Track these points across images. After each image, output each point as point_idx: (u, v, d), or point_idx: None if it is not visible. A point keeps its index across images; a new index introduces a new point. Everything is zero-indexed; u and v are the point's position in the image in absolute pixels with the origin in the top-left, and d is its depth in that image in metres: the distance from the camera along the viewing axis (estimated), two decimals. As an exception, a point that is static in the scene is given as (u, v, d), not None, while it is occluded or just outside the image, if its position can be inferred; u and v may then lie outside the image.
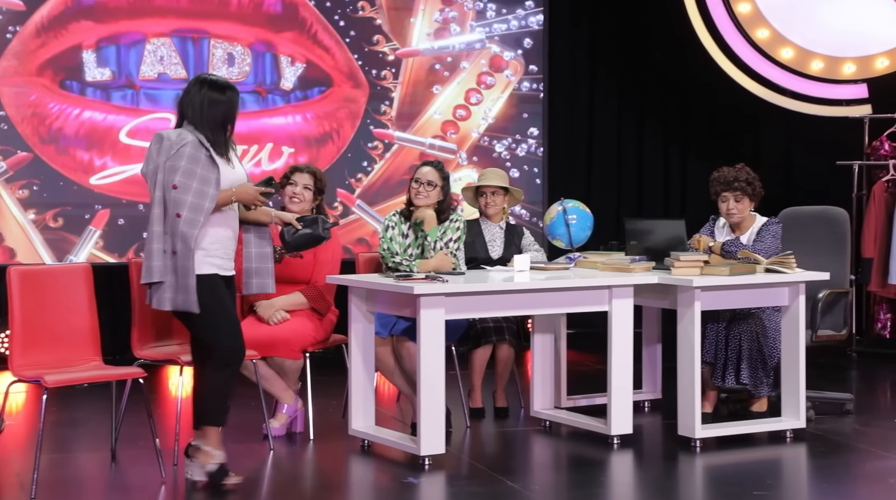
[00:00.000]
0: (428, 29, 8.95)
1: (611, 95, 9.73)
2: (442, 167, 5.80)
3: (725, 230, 6.16)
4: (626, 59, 9.66)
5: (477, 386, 6.22)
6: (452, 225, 5.77)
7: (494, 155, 9.14)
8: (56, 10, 8.08)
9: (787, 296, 5.64)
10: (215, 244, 4.67)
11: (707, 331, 5.97)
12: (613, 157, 9.86)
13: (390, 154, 8.88)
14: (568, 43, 9.54)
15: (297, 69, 8.61)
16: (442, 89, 9.00)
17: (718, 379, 5.93)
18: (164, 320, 5.31)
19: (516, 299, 5.21)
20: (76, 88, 8.14)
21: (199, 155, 4.60)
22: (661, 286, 5.47)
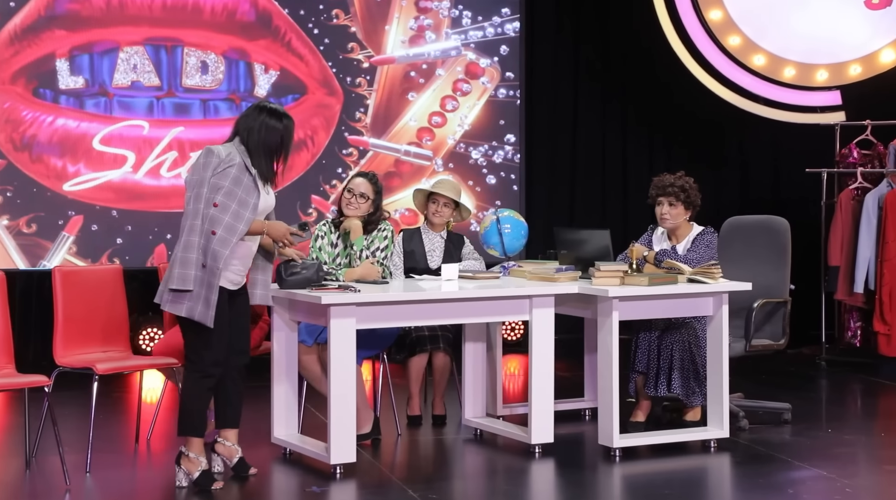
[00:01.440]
0: (403, 36, 9.01)
1: (594, 101, 9.73)
2: (376, 180, 5.86)
3: (663, 239, 6.16)
4: (608, 65, 9.66)
5: (415, 394, 6.26)
6: (380, 234, 5.82)
7: (471, 162, 9.18)
8: (29, 19, 8.23)
9: (712, 306, 5.63)
10: (234, 261, 4.85)
11: (640, 340, 5.99)
12: (598, 162, 9.86)
13: (365, 161, 8.95)
14: (546, 49, 9.56)
15: (270, 77, 8.71)
16: (417, 96, 9.05)
17: (651, 388, 5.95)
18: (89, 327, 5.41)
19: (431, 309, 5.26)
20: (49, 96, 8.29)
21: (242, 177, 4.78)
22: (582, 296, 5.49)
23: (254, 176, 4.85)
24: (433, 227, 6.31)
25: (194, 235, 4.72)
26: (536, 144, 9.57)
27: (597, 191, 9.86)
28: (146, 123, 8.46)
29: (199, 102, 8.57)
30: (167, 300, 4.76)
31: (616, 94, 9.68)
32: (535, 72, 9.54)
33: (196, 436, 4.88)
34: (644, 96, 9.67)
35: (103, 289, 5.47)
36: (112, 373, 5.18)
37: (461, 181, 9.12)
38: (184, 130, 8.52)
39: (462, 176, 9.14)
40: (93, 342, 5.43)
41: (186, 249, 4.72)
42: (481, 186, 9.20)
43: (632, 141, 9.80)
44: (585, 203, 9.74)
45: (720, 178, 9.83)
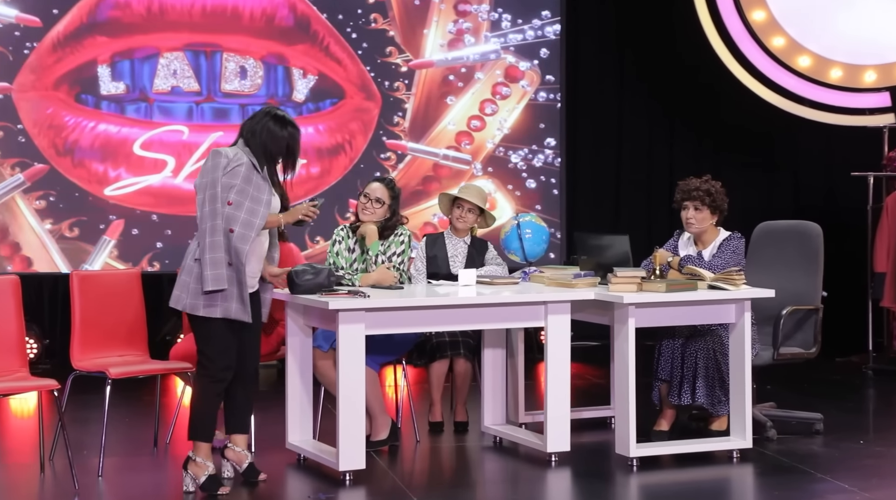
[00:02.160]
0: (441, 40, 8.98)
1: (639, 105, 9.60)
2: (393, 185, 5.83)
3: (689, 244, 6.05)
4: (653, 67, 9.52)
5: (436, 400, 6.22)
6: (397, 239, 5.79)
7: (510, 165, 9.12)
8: (72, 26, 8.34)
9: (734, 313, 5.51)
10: (252, 259, 4.88)
11: (663, 347, 5.89)
12: (643, 166, 9.73)
13: (403, 165, 8.93)
14: (590, 52, 9.45)
15: (309, 81, 8.73)
16: (456, 100, 9.01)
17: (675, 397, 5.84)
18: (107, 331, 5.45)
19: (442, 315, 5.20)
20: (91, 102, 8.39)
21: (251, 175, 4.84)
22: (601, 302, 5.40)
23: (263, 174, 4.88)
24: (457, 232, 6.26)
25: (218, 235, 4.76)
26: (580, 147, 9.47)
27: (642, 196, 9.73)
28: (186, 128, 8.52)
29: (238, 107, 8.62)
30: (201, 305, 4.77)
31: (662, 96, 9.55)
32: (579, 75, 9.45)
33: (204, 441, 4.89)
34: (690, 98, 9.53)
35: (121, 293, 5.52)
36: (125, 377, 5.19)
37: (500, 185, 9.07)
38: (223, 135, 8.57)
39: (501, 180, 9.08)
40: (110, 346, 5.46)
41: (213, 249, 4.75)
42: (521, 190, 9.13)
43: (679, 144, 9.66)
44: (630, 208, 9.61)
45: (770, 181, 9.66)
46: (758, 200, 9.60)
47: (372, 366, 5.59)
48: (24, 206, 8.29)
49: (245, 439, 5.10)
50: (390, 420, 5.72)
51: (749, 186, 9.64)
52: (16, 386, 4.86)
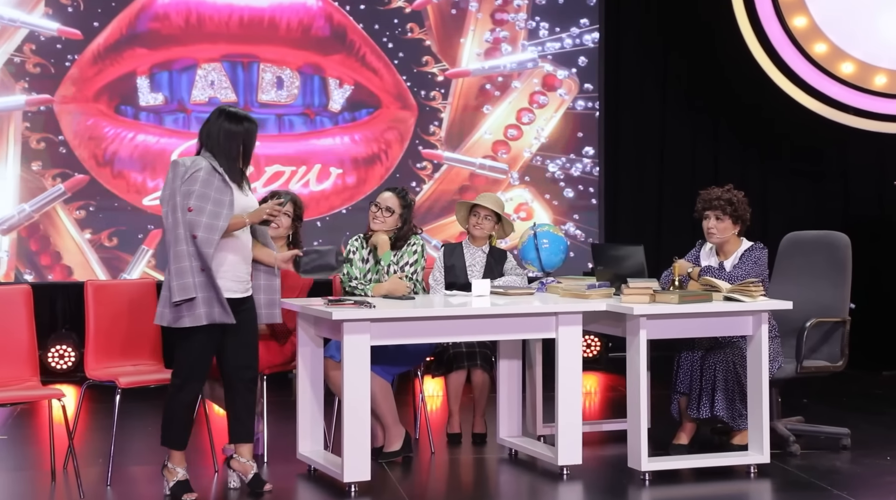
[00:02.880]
0: (478, 49, 8.95)
1: (682, 113, 9.47)
2: (405, 195, 5.82)
3: (711, 255, 5.96)
4: (695, 75, 9.40)
5: (454, 412, 6.18)
6: (410, 249, 5.77)
7: (547, 174, 9.06)
8: (112, 38, 8.45)
9: (751, 325, 5.41)
10: (223, 266, 4.87)
11: (682, 360, 5.81)
12: (687, 176, 9.59)
13: (439, 174, 8.92)
14: (630, 60, 9.36)
15: (345, 91, 8.75)
16: (492, 109, 8.98)
17: (693, 410, 5.75)
18: (121, 340, 5.49)
19: (449, 326, 5.17)
20: (130, 113, 8.49)
21: (212, 179, 4.82)
22: (615, 314, 5.33)
23: (223, 176, 4.85)
24: (475, 241, 6.23)
25: (181, 245, 4.75)
26: (622, 156, 9.38)
27: (686, 206, 9.56)
28: (222, 139, 8.56)
29: (275, 117, 8.67)
30: (176, 317, 4.77)
31: (705, 104, 9.42)
32: (620, 83, 9.35)
33: (173, 448, 4.91)
34: (734, 106, 9.39)
35: (136, 303, 5.56)
36: (135, 386, 5.22)
37: (538, 195, 9.02)
38: (259, 145, 8.54)
39: (538, 189, 9.03)
40: (124, 356, 5.49)
41: (178, 259, 4.75)
42: (558, 199, 9.07)
43: (724, 152, 9.52)
44: (672, 218, 9.46)
45: (819, 190, 9.48)
46: (805, 209, 9.44)
47: (385, 376, 5.58)
48: (65, 216, 8.41)
49: (249, 448, 5.08)
50: (404, 431, 5.69)
51: (797, 196, 9.48)
52: (21, 395, 4.91)
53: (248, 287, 5.02)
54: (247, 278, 5.00)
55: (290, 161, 8.66)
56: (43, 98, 8.38)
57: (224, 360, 4.99)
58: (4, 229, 8.34)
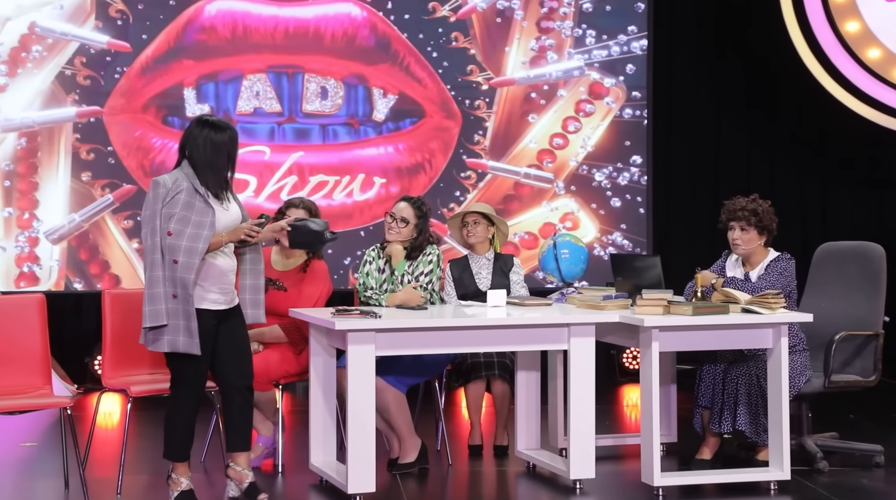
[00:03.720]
0: (523, 57, 8.89)
1: (738, 120, 9.30)
2: (420, 205, 5.79)
3: (737, 266, 5.83)
4: (750, 81, 9.23)
5: (475, 423, 6.13)
6: (425, 259, 5.74)
7: (594, 184, 8.96)
8: (160, 50, 8.56)
9: (771, 338, 5.27)
10: (209, 280, 4.85)
11: (703, 373, 5.69)
12: (742, 184, 9.40)
13: (484, 183, 8.87)
14: (680, 67, 9.22)
15: (389, 101, 8.75)
16: (538, 118, 8.91)
17: (715, 424, 5.62)
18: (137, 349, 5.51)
19: (456, 336, 5.12)
20: (177, 124, 8.59)
21: (193, 201, 4.78)
22: (630, 326, 5.23)
23: (204, 196, 4.82)
24: (475, 249, 6.18)
25: (157, 270, 4.74)
26: (674, 164, 9.23)
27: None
28: (267, 149, 8.65)
29: (319, 127, 8.71)
30: (150, 340, 4.79)
31: (760, 111, 9.23)
32: (673, 90, 9.22)
33: (176, 460, 4.92)
34: (789, 113, 9.20)
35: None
36: (146, 395, 5.26)
37: (584, 204, 8.93)
38: (303, 154, 8.67)
39: (584, 199, 8.93)
40: (140, 364, 5.53)
41: (151, 285, 4.74)
42: (605, 208, 8.96)
43: (779, 162, 9.32)
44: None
45: (881, 199, 9.24)
46: (867, 218, 9.21)
47: (399, 387, 5.55)
48: (113, 225, 8.54)
49: (246, 457, 5.06)
50: (420, 443, 5.66)
51: (858, 205, 9.25)
52: (27, 403, 4.97)
53: (233, 298, 5.01)
54: (232, 289, 4.99)
55: (333, 171, 8.69)
56: (93, 110, 8.52)
57: (217, 370, 5.00)
58: (55, 239, 8.49)
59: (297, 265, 5.85)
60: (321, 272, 5.83)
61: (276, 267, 5.86)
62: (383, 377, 5.49)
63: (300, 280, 5.77)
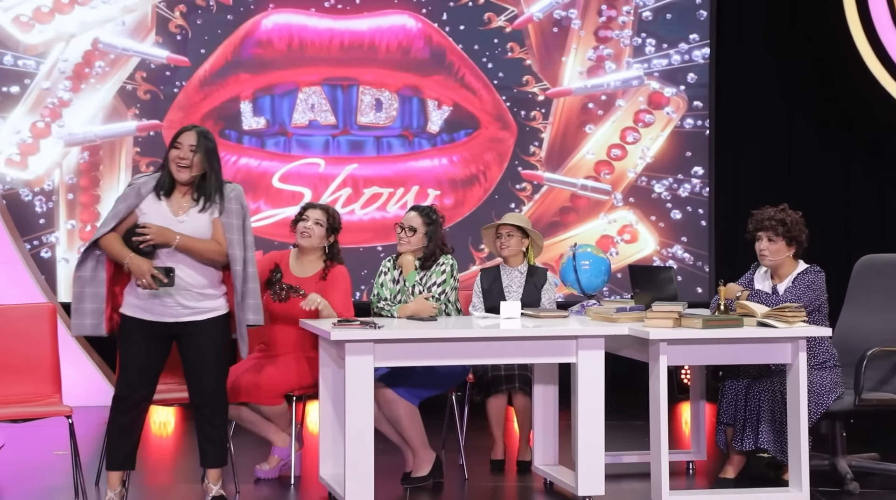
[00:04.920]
0: (580, 67, 8.75)
1: (809, 130, 9.00)
2: (429, 212, 5.71)
3: (766, 278, 5.62)
4: (822, 89, 8.91)
5: (497, 437, 6.01)
6: (438, 268, 5.66)
7: (653, 195, 8.77)
8: (217, 64, 8.66)
9: (790, 353, 5.05)
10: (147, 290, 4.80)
11: (726, 389, 5.50)
12: (817, 196, 9.10)
13: (539, 195, 8.75)
14: (750, 76, 8.95)
15: (443, 112, 8.70)
16: (595, 128, 8.76)
17: (738, 442, 5.42)
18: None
19: (459, 348, 5.01)
20: (234, 137, 8.67)
21: (128, 194, 4.85)
22: (640, 339, 5.07)
23: (144, 195, 4.83)
24: (508, 262, 6.07)
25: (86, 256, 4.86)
26: (742, 175, 8.97)
27: (815, 228, 9.02)
28: (322, 161, 8.67)
29: (373, 139, 8.70)
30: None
31: (835, 121, 8.90)
32: (742, 100, 8.97)
33: (108, 469, 4.89)
34: (864, 124, 8.85)
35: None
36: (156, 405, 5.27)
37: (643, 216, 8.73)
38: (358, 166, 8.67)
39: (644, 211, 8.74)
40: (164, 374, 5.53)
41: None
42: (665, 221, 8.75)
43: (855, 172, 8.98)
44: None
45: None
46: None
47: (411, 400, 5.47)
48: (171, 237, 8.63)
49: (216, 473, 4.97)
50: (434, 456, 5.57)
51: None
52: (29, 412, 5.02)
53: (190, 312, 4.87)
54: (186, 305, 4.86)
55: (387, 183, 8.67)
56: (152, 124, 8.64)
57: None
58: (115, 250, 8.62)
59: (316, 272, 5.78)
60: (342, 277, 5.74)
61: (295, 273, 5.82)
62: (395, 389, 5.42)
63: (322, 288, 5.71)
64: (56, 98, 8.54)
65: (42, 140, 8.54)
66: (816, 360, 5.41)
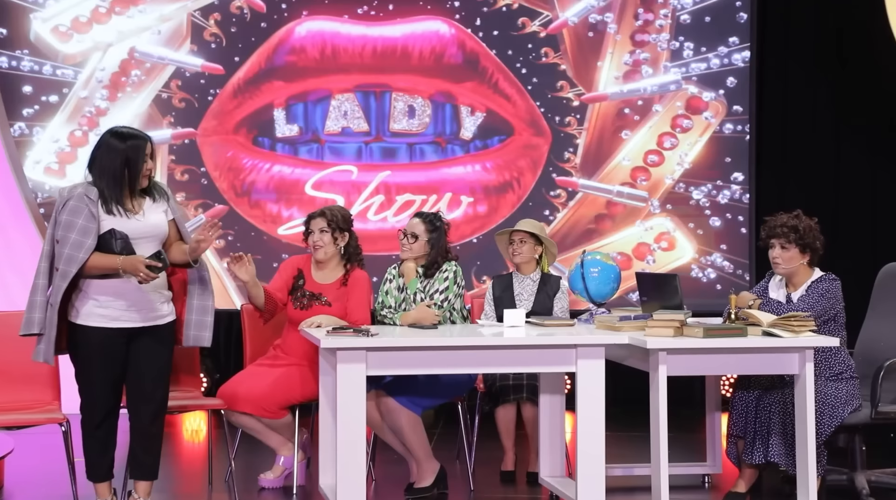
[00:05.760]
0: (616, 72, 8.60)
1: (857, 137, 8.73)
2: (433, 219, 5.61)
3: (781, 286, 5.43)
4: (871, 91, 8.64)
5: (507, 448, 5.90)
6: (441, 275, 5.56)
7: (691, 202, 8.57)
8: (251, 72, 8.67)
9: (797, 363, 4.86)
10: (107, 296, 4.68)
11: (735, 400, 5.32)
12: (867, 204, 8.83)
13: (574, 202, 8.61)
14: (789, 79, 8.72)
15: (476, 118, 8.61)
16: (631, 134, 8.60)
17: (748, 455, 5.24)
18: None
19: (454, 356, 4.90)
20: (267, 144, 8.67)
21: (80, 206, 4.61)
22: (641, 349, 4.92)
23: (96, 202, 4.64)
24: (520, 269, 5.94)
25: (40, 278, 4.64)
26: (789, 181, 8.72)
27: (865, 237, 8.79)
28: (355, 168, 8.63)
29: (406, 146, 8.64)
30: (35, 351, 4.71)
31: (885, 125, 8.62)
32: (788, 104, 8.74)
33: (91, 480, 4.81)
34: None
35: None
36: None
37: (680, 224, 8.55)
38: (390, 173, 8.61)
39: (681, 218, 8.55)
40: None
41: (33, 292, 4.65)
42: (704, 228, 8.55)
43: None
44: (848, 250, 8.63)
45: None
46: None
47: (414, 409, 5.38)
48: (205, 245, 8.64)
49: (145, 486, 4.83)
50: (438, 466, 5.47)
51: None
52: (21, 419, 5.02)
53: (151, 316, 4.77)
54: (153, 307, 4.77)
55: (420, 190, 8.59)
56: (187, 132, 8.68)
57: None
58: (151, 258, 8.65)
59: (338, 278, 5.72)
60: (360, 282, 5.66)
61: (317, 280, 5.76)
62: (397, 398, 5.34)
63: (343, 294, 5.65)
64: (93, 107, 8.61)
65: (80, 148, 8.60)
66: (832, 371, 5.22)
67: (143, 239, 4.72)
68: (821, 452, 5.14)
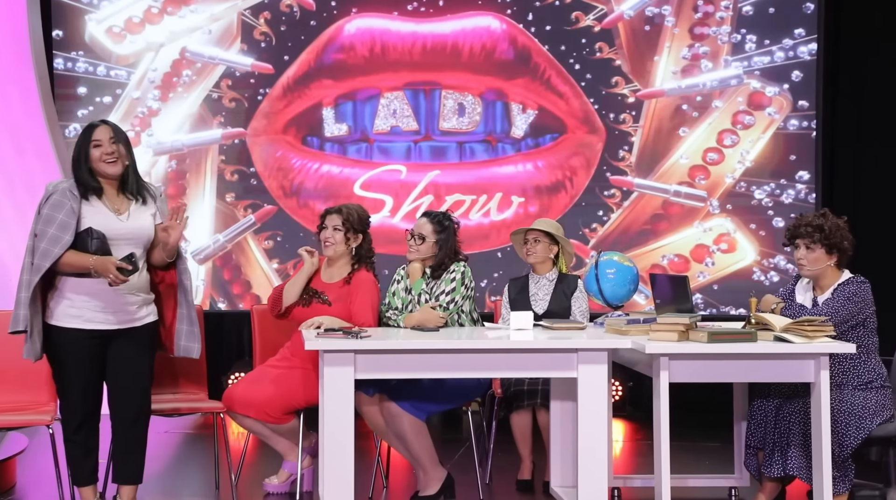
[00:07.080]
0: (674, 67, 8.26)
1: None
2: (441, 220, 5.39)
3: (808, 289, 5.08)
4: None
5: (524, 456, 5.64)
6: (448, 276, 5.33)
7: (753, 202, 8.19)
8: (300, 71, 8.56)
9: (812, 371, 4.51)
10: (82, 296, 4.58)
11: (754, 410, 4.99)
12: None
13: (629, 202, 8.29)
14: (868, 71, 8.25)
15: (528, 116, 8.36)
16: (689, 131, 8.25)
17: (767, 467, 4.91)
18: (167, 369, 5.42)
19: (451, 360, 4.67)
20: (316, 144, 8.55)
21: (62, 201, 4.52)
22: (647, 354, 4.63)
23: (78, 198, 4.53)
24: (536, 270, 5.69)
25: (24, 274, 4.51)
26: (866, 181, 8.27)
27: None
28: (404, 168, 8.45)
29: (456, 145, 8.43)
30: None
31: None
32: (864, 102, 8.29)
33: (74, 485, 4.69)
34: None
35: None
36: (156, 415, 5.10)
37: (741, 225, 8.18)
38: (440, 173, 8.41)
39: (742, 218, 8.17)
40: (165, 383, 5.41)
41: (19, 288, 4.52)
42: (766, 229, 8.16)
43: None
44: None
45: None
46: None
47: (417, 415, 5.17)
48: (255, 245, 8.58)
49: (129, 491, 4.71)
50: (444, 474, 5.24)
51: None
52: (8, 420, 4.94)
53: (127, 319, 4.64)
54: (127, 310, 4.63)
55: (470, 190, 8.37)
56: (237, 131, 8.60)
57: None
58: (201, 259, 8.61)
59: (342, 277, 5.54)
60: (365, 283, 5.47)
61: (323, 278, 5.58)
62: (400, 403, 5.14)
63: (345, 294, 5.46)
64: (146, 107, 8.59)
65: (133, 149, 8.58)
66: (860, 379, 4.85)
67: (123, 241, 4.61)
68: (848, 465, 4.78)
